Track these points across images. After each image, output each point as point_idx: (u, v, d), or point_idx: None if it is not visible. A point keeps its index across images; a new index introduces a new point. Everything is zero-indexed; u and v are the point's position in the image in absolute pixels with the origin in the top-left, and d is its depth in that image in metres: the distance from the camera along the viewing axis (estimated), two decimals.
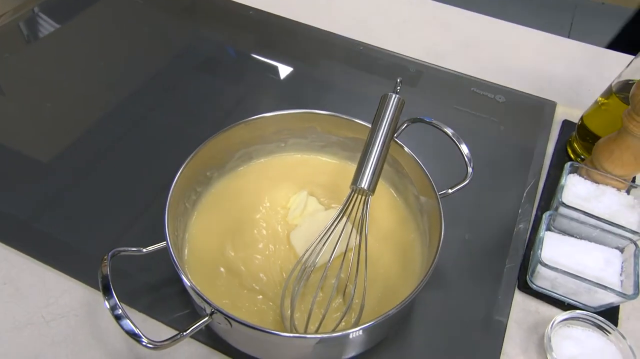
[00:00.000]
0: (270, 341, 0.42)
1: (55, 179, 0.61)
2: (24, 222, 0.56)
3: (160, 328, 0.49)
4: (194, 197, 0.53)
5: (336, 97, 0.75)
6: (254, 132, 0.54)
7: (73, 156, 0.64)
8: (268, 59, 0.80)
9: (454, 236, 0.57)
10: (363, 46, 0.82)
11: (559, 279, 0.50)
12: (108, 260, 0.42)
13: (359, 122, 0.54)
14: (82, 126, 0.68)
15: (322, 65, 0.81)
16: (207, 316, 0.42)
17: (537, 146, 0.69)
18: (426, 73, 0.79)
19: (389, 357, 0.49)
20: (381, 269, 0.51)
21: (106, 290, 0.40)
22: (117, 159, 0.64)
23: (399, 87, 0.52)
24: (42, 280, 0.51)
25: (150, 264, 0.51)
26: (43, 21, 0.85)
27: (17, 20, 0.83)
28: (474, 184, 0.62)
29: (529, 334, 0.51)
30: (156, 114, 0.70)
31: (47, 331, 0.48)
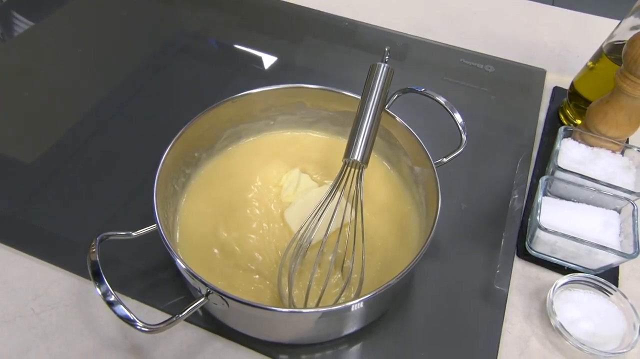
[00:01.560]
0: (269, 318, 0.41)
1: (38, 170, 0.59)
2: (7, 216, 0.54)
3: (154, 314, 0.48)
4: (183, 179, 0.51)
5: (323, 75, 0.73)
6: (241, 109, 0.53)
7: (57, 145, 0.62)
8: (252, 40, 0.78)
9: (451, 207, 0.56)
10: (348, 22, 0.81)
11: (558, 243, 0.49)
12: (97, 245, 0.41)
13: (348, 95, 0.53)
14: (65, 115, 0.66)
15: (308, 44, 0.79)
16: (202, 297, 0.40)
17: (529, 114, 0.68)
18: (414, 47, 0.78)
19: (391, 331, 0.48)
20: (379, 242, 0.50)
21: (96, 276, 0.39)
22: (101, 147, 0.62)
23: (388, 57, 0.51)
24: (29, 272, 0.50)
25: (141, 250, 0.50)
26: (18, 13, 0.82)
27: None
28: (468, 154, 0.61)
29: (530, 301, 0.50)
30: (140, 100, 0.68)
31: (38, 323, 0.46)
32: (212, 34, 0.80)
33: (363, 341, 0.47)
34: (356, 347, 0.47)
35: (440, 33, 0.79)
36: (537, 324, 0.49)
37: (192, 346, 0.46)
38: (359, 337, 0.47)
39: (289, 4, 0.84)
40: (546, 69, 0.75)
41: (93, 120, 0.65)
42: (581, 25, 0.83)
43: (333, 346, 0.47)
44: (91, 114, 0.66)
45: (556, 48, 0.79)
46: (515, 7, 0.86)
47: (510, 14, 0.85)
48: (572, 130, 0.58)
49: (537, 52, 0.78)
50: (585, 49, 0.73)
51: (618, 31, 0.59)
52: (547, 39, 0.80)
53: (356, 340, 0.47)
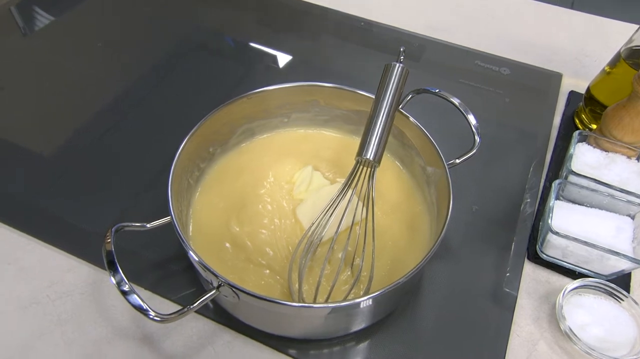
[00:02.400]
0: (278, 312, 0.42)
1: (56, 161, 0.60)
2: (26, 204, 0.56)
3: (166, 305, 0.48)
4: (197, 174, 0.52)
5: (338, 74, 0.74)
6: (256, 106, 0.53)
7: (75, 137, 0.63)
8: (269, 37, 0.79)
9: (462, 208, 0.57)
10: (364, 22, 0.81)
11: (570, 247, 0.49)
12: (112, 235, 0.42)
13: (362, 94, 0.53)
14: (84, 107, 0.67)
15: (323, 43, 0.79)
16: (214, 289, 0.41)
17: (544, 117, 0.68)
18: (429, 47, 0.78)
19: (398, 330, 0.48)
20: (389, 241, 0.50)
21: (111, 265, 0.40)
22: (118, 139, 0.63)
23: (403, 57, 0.51)
24: (46, 260, 0.51)
25: (155, 242, 0.51)
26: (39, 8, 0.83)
27: (8, 5, 0.82)
28: (481, 157, 0.61)
29: (539, 304, 0.50)
30: (158, 95, 0.69)
31: (53, 310, 0.47)
32: (229, 31, 0.80)
33: (370, 339, 0.48)
34: (363, 344, 0.48)
35: (456, 35, 0.79)
36: (546, 328, 0.49)
37: (202, 338, 0.47)
38: (366, 335, 0.48)
39: (306, 3, 0.84)
40: (562, 73, 0.74)
41: (111, 113, 0.66)
42: (599, 29, 0.83)
43: (341, 342, 0.48)
44: (109, 107, 0.67)
45: (573, 52, 0.78)
46: (532, 10, 0.86)
47: (527, 16, 0.85)
48: (586, 134, 0.58)
49: (553, 56, 0.77)
50: (602, 54, 0.73)
51: (637, 36, 0.58)
52: (565, 42, 0.80)
53: (364, 338, 0.48)
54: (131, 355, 0.45)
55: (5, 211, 0.54)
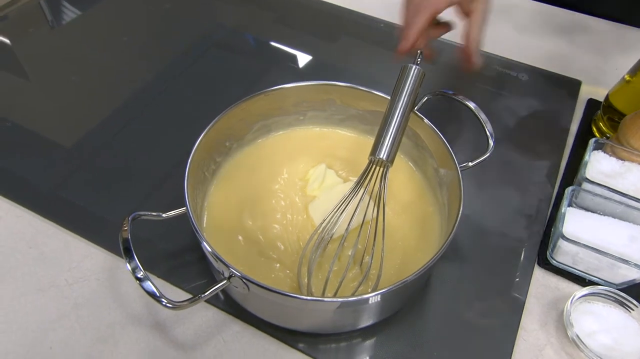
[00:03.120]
0: (286, 305, 0.43)
1: (79, 152, 0.62)
2: (49, 191, 0.57)
3: (178, 294, 0.50)
4: (213, 167, 0.53)
5: (356, 74, 0.74)
6: (273, 103, 0.54)
7: (98, 127, 0.65)
8: (288, 37, 0.80)
9: (474, 211, 0.57)
10: (384, 23, 0.81)
11: (580, 254, 0.49)
12: (129, 223, 0.43)
13: (378, 94, 0.53)
14: (107, 100, 0.69)
15: (343, 43, 0.80)
16: (225, 279, 0.42)
17: (561, 124, 0.68)
18: (448, 50, 0.78)
19: (405, 328, 0.49)
20: (399, 241, 0.51)
21: (127, 252, 0.41)
22: (138, 132, 0.65)
23: (420, 59, 0.52)
24: (65, 245, 0.53)
25: (171, 232, 0.52)
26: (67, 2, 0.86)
27: None
28: (496, 161, 0.61)
29: (548, 310, 0.50)
30: (178, 89, 0.71)
31: (70, 294, 0.49)
32: (250, 29, 0.82)
33: (377, 337, 0.48)
34: (370, 342, 0.48)
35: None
36: (553, 334, 0.49)
37: (212, 327, 0.48)
38: (373, 332, 0.48)
39: (328, 4, 0.85)
40: (582, 80, 0.74)
41: (132, 106, 0.68)
42: (621, 37, 0.82)
43: (348, 338, 0.48)
44: (131, 101, 0.69)
45: (593, 59, 0.78)
46: (553, 16, 0.85)
47: (547, 22, 0.84)
48: (603, 142, 0.58)
49: (573, 63, 0.77)
50: (623, 62, 0.72)
51: None
52: (585, 49, 0.79)
53: (370, 335, 0.48)
54: (143, 341, 0.47)
55: (29, 198, 0.56)
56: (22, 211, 0.55)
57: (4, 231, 0.54)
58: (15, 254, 0.52)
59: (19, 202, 0.56)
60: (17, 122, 0.65)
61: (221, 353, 0.46)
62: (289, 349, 0.47)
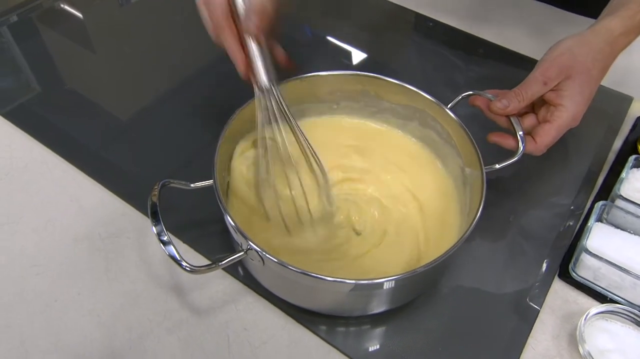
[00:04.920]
0: (298, 282, 0.44)
1: (130, 121, 0.66)
2: (94, 151, 0.62)
3: (200, 261, 0.52)
4: (243, 144, 0.55)
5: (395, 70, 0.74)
6: (307, 89, 0.56)
7: (151, 103, 0.68)
8: (347, 34, 0.80)
9: (498, 216, 0.56)
10: (432, 22, 0.81)
11: (602, 269, 0.48)
12: (158, 189, 0.46)
13: (411, 89, 0.54)
14: (163, 78, 0.72)
15: (386, 38, 0.80)
16: (242, 251, 0.44)
17: (604, 139, 0.66)
18: (493, 54, 0.77)
19: (414, 320, 0.49)
20: (418, 235, 0.51)
21: (154, 216, 0.44)
22: (181, 105, 0.68)
23: None
24: (102, 202, 0.57)
25: (202, 203, 0.54)
26: None
27: None
28: (529, 167, 0.60)
29: (562, 323, 0.49)
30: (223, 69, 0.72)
31: (102, 247, 0.53)
32: (308, 21, 0.82)
33: (386, 326, 0.49)
34: (379, 330, 0.49)
35: (522, 45, 0.78)
36: (565, 347, 0.48)
37: (227, 295, 0.50)
38: (383, 320, 0.49)
39: (392, 4, 0.85)
40: (633, 97, 0.71)
41: (186, 85, 0.71)
42: None
43: (357, 323, 0.49)
44: (187, 80, 0.72)
45: None
46: None
47: None
48: None
49: (626, 78, 0.74)
50: None
51: None
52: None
53: (380, 323, 0.49)
54: (161, 299, 0.49)
55: (76, 156, 0.61)
56: (68, 166, 0.60)
57: (50, 183, 0.58)
58: (57, 205, 0.56)
59: (67, 158, 0.60)
60: (78, 89, 0.70)
61: (232, 319, 0.48)
62: (296, 325, 0.49)
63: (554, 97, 0.53)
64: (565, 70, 0.52)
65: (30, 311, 0.48)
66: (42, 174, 0.59)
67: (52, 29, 0.80)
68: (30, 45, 0.76)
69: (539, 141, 0.52)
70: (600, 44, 0.53)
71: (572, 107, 0.52)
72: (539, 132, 0.53)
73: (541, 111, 0.55)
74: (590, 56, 0.52)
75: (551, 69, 0.53)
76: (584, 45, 0.53)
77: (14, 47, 0.76)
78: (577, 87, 0.52)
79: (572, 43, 0.53)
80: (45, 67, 0.74)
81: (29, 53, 0.75)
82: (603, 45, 0.53)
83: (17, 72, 0.72)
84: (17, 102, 0.67)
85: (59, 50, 0.77)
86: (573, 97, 0.52)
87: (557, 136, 0.53)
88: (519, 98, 0.53)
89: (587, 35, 0.54)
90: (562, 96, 0.52)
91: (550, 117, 0.53)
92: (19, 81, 0.71)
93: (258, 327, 0.48)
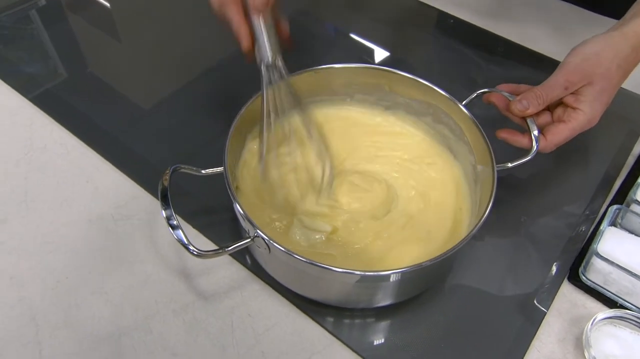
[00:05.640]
0: (304, 271, 0.44)
1: (151, 109, 0.67)
2: (113, 136, 0.63)
3: (209, 246, 0.53)
4: (255, 134, 0.56)
5: (412, 66, 0.74)
6: (321, 81, 0.56)
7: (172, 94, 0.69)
8: (371, 32, 0.80)
9: (510, 216, 0.56)
10: (454, 19, 0.81)
11: (612, 274, 0.47)
12: (169, 173, 0.46)
13: (426, 84, 0.54)
14: (186, 70, 0.72)
15: (423, 40, 0.80)
16: (249, 238, 0.44)
17: (624, 143, 0.64)
18: (514, 54, 0.76)
19: (419, 316, 0.49)
20: (431, 231, 0.51)
21: (164, 200, 0.44)
22: (202, 92, 0.69)
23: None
24: (116, 185, 0.58)
25: (214, 190, 0.54)
26: None
27: None
28: (544, 169, 0.60)
29: (569, 326, 0.49)
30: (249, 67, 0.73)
31: (114, 228, 0.54)
32: (331, 18, 0.82)
33: (391, 320, 0.49)
34: (383, 323, 0.49)
35: (545, 45, 0.76)
36: (570, 351, 0.47)
37: (234, 281, 0.51)
38: (387, 314, 0.49)
39: (416, 1, 0.84)
40: None
41: (209, 75, 0.72)
42: None
43: (362, 316, 0.49)
44: (209, 71, 0.72)
45: None
46: None
47: None
48: None
49: None
50: None
51: None
52: None
53: (384, 317, 0.49)
54: (169, 282, 0.50)
55: (95, 140, 0.62)
56: (86, 149, 0.61)
57: (68, 164, 0.60)
58: (74, 186, 0.57)
59: (85, 141, 0.62)
60: (101, 75, 0.71)
61: (238, 305, 0.49)
62: (301, 314, 0.49)
63: (572, 100, 0.52)
64: (587, 77, 0.51)
65: (42, 287, 0.50)
66: (61, 155, 0.61)
67: (79, 16, 0.81)
68: (57, 31, 0.78)
69: (549, 138, 0.52)
70: (627, 49, 0.52)
71: (590, 112, 0.51)
72: (551, 129, 0.52)
73: (557, 111, 0.54)
74: (615, 62, 0.51)
75: (574, 75, 0.52)
76: (610, 50, 0.52)
77: (43, 32, 0.78)
78: (596, 93, 0.52)
79: (598, 47, 0.52)
80: (72, 53, 0.75)
81: (56, 38, 0.77)
82: (630, 52, 0.52)
83: (45, 58, 0.74)
84: (44, 88, 0.69)
85: (85, 37, 0.78)
86: (592, 103, 0.52)
87: (570, 136, 0.52)
88: (540, 101, 0.52)
89: (614, 38, 0.52)
90: (581, 100, 0.52)
91: (566, 118, 0.52)
92: (47, 67, 0.72)
93: (262, 314, 0.49)
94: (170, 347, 0.46)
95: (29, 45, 0.75)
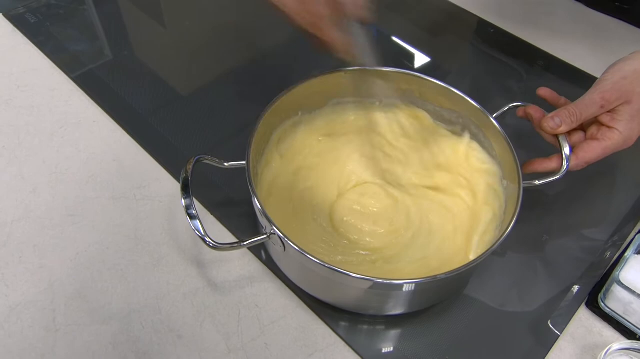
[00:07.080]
0: (317, 272, 0.44)
1: (181, 91, 0.68)
2: (144, 118, 0.64)
3: (228, 237, 0.53)
4: (281, 130, 0.55)
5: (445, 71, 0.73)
6: (351, 83, 0.55)
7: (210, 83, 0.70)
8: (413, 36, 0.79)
9: (532, 235, 0.54)
10: (494, 29, 0.79)
11: (633, 304, 0.45)
12: (192, 163, 0.47)
13: (457, 92, 0.52)
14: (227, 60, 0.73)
15: (464, 49, 0.79)
16: (265, 235, 0.44)
17: None
18: (553, 68, 0.74)
19: (428, 327, 0.48)
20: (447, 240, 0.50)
21: (185, 189, 0.45)
22: (239, 84, 0.69)
23: None
24: (141, 165, 0.59)
25: (237, 182, 0.54)
26: None
27: None
28: (573, 189, 0.58)
29: (581, 353, 0.47)
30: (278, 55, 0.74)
31: (135, 207, 0.55)
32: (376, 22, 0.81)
33: (401, 329, 0.48)
34: (393, 332, 0.48)
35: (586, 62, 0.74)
36: None
37: (246, 272, 0.51)
38: (397, 323, 0.49)
39: (460, 9, 0.83)
40: None
41: (244, 70, 0.72)
42: None
43: (371, 322, 0.49)
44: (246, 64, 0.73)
45: None
46: None
47: None
48: None
49: None
50: None
51: None
52: None
53: (394, 325, 0.49)
54: (182, 266, 0.51)
55: (127, 120, 0.63)
56: (116, 127, 0.63)
57: (97, 141, 0.61)
58: (101, 163, 0.59)
59: (117, 120, 0.63)
60: (143, 59, 0.73)
61: (246, 296, 0.49)
62: (308, 311, 0.49)
63: (608, 120, 0.50)
64: (625, 95, 0.49)
65: (62, 257, 0.51)
66: (92, 132, 0.62)
67: None
68: (106, 12, 0.79)
69: (581, 155, 0.50)
70: None
71: (626, 132, 0.50)
72: (583, 147, 0.50)
73: (591, 129, 0.52)
74: None
75: (612, 93, 0.50)
76: None
77: (93, 12, 0.79)
78: (635, 113, 0.50)
79: (638, 65, 0.50)
80: (119, 35, 0.76)
81: (105, 20, 0.78)
82: None
83: (93, 39, 0.75)
84: (88, 68, 0.70)
85: (132, 20, 0.79)
86: (629, 122, 0.50)
87: (602, 155, 0.50)
88: (573, 119, 0.50)
89: None
90: (617, 119, 0.50)
91: (600, 136, 0.50)
92: (93, 48, 0.73)
93: (270, 306, 0.49)
94: (176, 329, 0.47)
95: (78, 25, 0.77)
